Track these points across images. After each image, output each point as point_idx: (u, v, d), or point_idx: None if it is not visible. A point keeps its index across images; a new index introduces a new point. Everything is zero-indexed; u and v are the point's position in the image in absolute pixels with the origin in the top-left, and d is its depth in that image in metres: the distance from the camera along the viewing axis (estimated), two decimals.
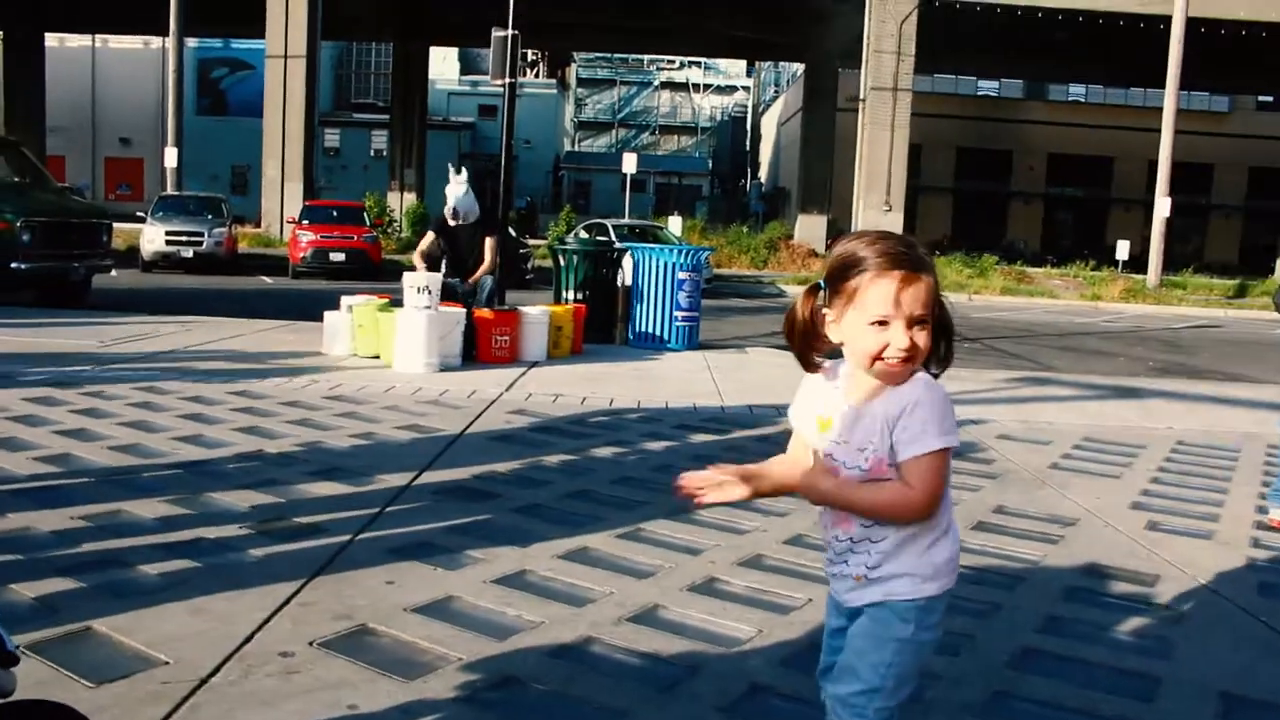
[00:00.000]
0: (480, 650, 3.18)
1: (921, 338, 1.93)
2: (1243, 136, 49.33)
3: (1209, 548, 4.84)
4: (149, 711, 2.67)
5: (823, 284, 2.02)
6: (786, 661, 3.24)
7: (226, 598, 3.49)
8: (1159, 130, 30.02)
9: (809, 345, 2.06)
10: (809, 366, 2.10)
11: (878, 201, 32.03)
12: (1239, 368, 14.62)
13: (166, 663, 2.97)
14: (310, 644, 3.15)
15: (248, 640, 3.15)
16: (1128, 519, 5.24)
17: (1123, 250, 32.85)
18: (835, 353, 2.05)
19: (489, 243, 10.29)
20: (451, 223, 10.17)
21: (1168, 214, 30.03)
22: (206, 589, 3.56)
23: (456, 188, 10.11)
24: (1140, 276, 30.87)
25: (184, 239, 23.04)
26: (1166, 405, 9.24)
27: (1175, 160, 30.03)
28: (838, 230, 38.29)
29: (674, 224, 31.09)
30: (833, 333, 2.01)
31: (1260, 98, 50.35)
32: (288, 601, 3.48)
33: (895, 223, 31.20)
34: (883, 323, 1.92)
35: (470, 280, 10.19)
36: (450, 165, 10.53)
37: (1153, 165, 31.75)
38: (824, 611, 3.64)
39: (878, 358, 1.94)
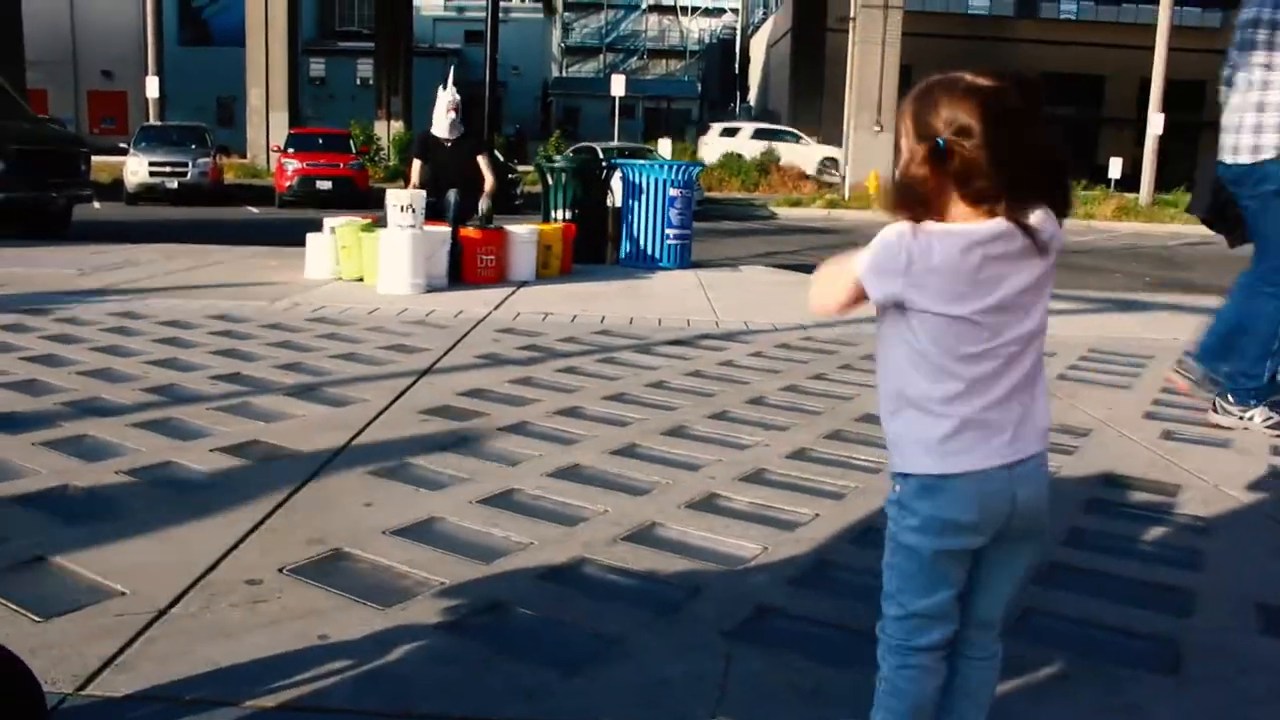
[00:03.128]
0: (463, 574, 2.94)
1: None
2: None
3: (1229, 456, 4.63)
4: (100, 646, 2.43)
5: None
6: (794, 581, 3.01)
7: (192, 524, 3.25)
8: (1150, 48, 29.51)
9: None
10: None
11: (868, 122, 31.52)
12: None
13: (123, 593, 2.73)
14: (280, 570, 2.91)
15: (212, 568, 2.92)
16: (1142, 428, 5.02)
17: (1115, 168, 32.39)
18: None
19: (483, 161, 9.95)
20: (449, 135, 9.79)
21: (1160, 131, 29.58)
22: (172, 515, 3.32)
23: (450, 97, 9.77)
24: (1132, 195, 30.50)
25: (168, 169, 22.63)
26: (1169, 317, 9.01)
27: (1167, 78, 29.51)
28: (826, 156, 37.76)
29: (664, 147, 30.59)
30: None
31: None
32: (257, 526, 3.24)
33: (886, 143, 30.74)
34: None
35: (484, 200, 9.85)
36: (440, 86, 10.11)
37: (1144, 83, 31.28)
38: (832, 527, 3.44)
39: None
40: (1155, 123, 29.56)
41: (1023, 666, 2.53)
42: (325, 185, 22.77)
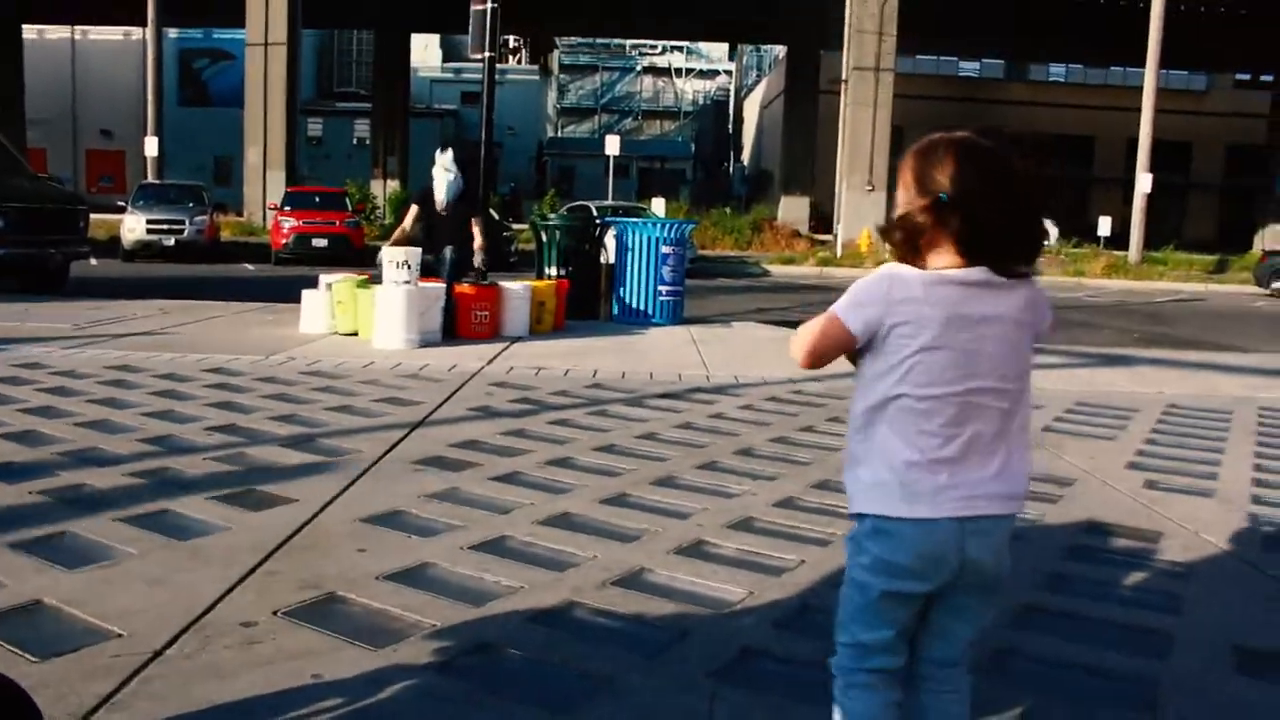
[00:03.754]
0: (455, 617, 3.00)
1: None
2: (1220, 115, 49.26)
3: (1210, 505, 4.69)
4: (96, 686, 2.48)
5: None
6: (780, 624, 3.07)
7: (188, 569, 3.31)
8: (1138, 109, 29.86)
9: None
10: None
11: (860, 182, 31.83)
12: (1223, 338, 14.52)
13: (120, 635, 2.79)
14: (274, 613, 2.97)
15: (207, 611, 2.97)
16: (1125, 478, 5.09)
17: (1104, 227, 32.65)
18: None
19: (475, 223, 10.07)
20: (441, 211, 9.89)
21: (1148, 190, 29.89)
22: (167, 561, 3.38)
23: (444, 175, 9.80)
24: (1122, 253, 30.73)
25: (165, 227, 22.75)
26: (1156, 372, 9.10)
27: (1154, 138, 29.87)
28: (820, 213, 38.13)
29: (658, 206, 30.81)
30: None
31: (1237, 76, 50.30)
32: (252, 571, 3.30)
33: (878, 203, 31.08)
34: None
35: (478, 255, 9.95)
36: (438, 149, 10.19)
37: (1132, 144, 31.61)
38: (817, 573, 3.50)
39: None
40: (1143, 182, 29.85)
41: (1001, 708, 2.59)
42: (321, 243, 22.93)
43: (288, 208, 24.09)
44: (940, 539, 1.87)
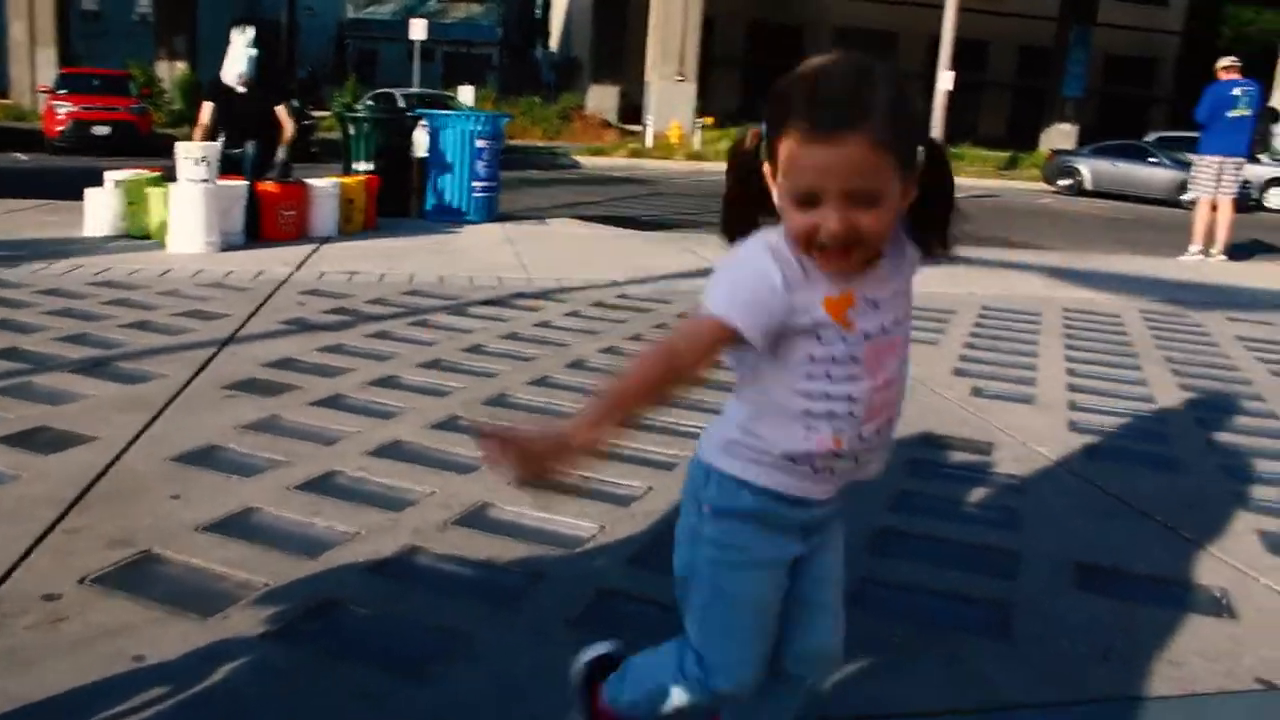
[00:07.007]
0: (288, 572, 2.76)
1: (868, 219, 1.45)
2: (1016, 15, 50.94)
3: (1031, 412, 4.83)
4: None
5: (764, 132, 1.53)
6: (634, 560, 2.97)
7: None
8: (940, 6, 30.50)
9: (751, 212, 1.58)
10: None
11: (671, 72, 31.68)
12: (1019, 234, 15.12)
13: None
14: (81, 581, 2.65)
15: (0, 582, 2.64)
16: (953, 385, 5.19)
17: None
18: None
19: (281, 111, 9.45)
20: (241, 90, 9.22)
21: (950, 88, 30.70)
22: None
23: (244, 51, 9.15)
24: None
25: None
26: (966, 271, 9.33)
27: (955, 37, 30.60)
28: (631, 103, 37.79)
29: (465, 94, 29.88)
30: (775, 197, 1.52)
31: None
32: (50, 529, 2.94)
33: (688, 94, 30.97)
34: (809, 199, 1.45)
35: (281, 149, 9.38)
36: (235, 28, 9.41)
37: (934, 41, 32.33)
38: (665, 500, 3.39)
39: (809, 244, 1.48)
40: (945, 80, 30.58)
41: (866, 640, 2.54)
42: (103, 130, 21.31)
43: (63, 91, 22.22)
44: None
